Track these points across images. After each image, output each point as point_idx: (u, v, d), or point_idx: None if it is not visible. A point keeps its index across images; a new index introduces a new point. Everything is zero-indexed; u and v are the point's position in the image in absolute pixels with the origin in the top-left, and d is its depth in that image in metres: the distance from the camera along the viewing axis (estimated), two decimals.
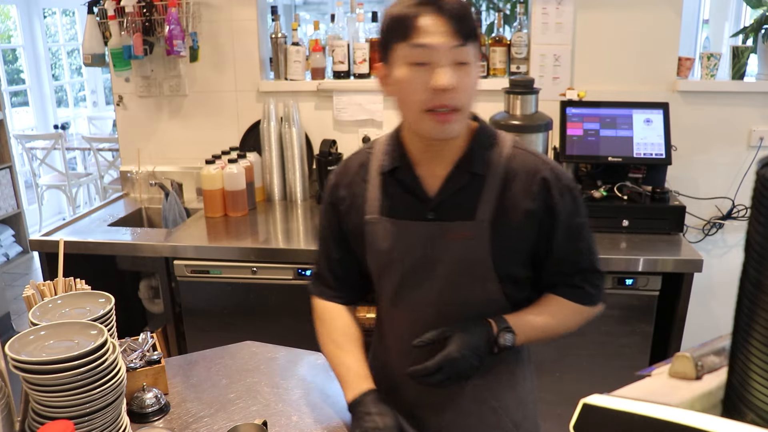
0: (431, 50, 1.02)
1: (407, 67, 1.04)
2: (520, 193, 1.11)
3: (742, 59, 2.44)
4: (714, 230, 2.58)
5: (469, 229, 1.11)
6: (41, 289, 1.20)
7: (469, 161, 1.12)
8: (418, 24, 1.02)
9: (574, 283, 1.19)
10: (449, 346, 1.08)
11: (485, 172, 1.12)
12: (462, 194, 1.12)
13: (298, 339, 1.70)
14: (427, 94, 1.04)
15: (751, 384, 0.54)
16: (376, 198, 1.17)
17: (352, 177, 1.21)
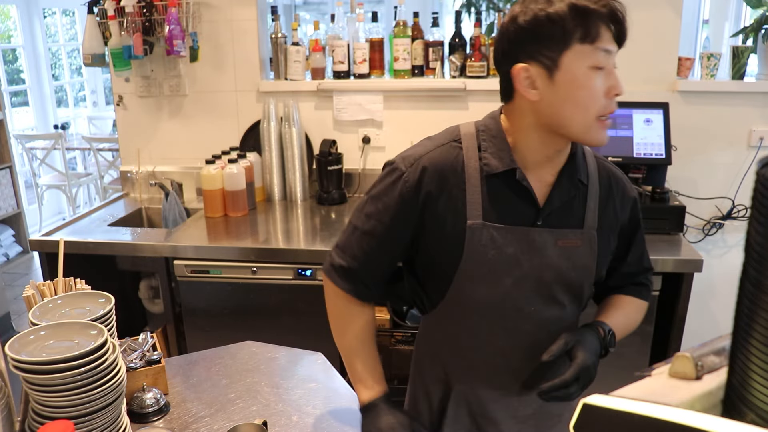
0: (610, 55, 1.01)
1: (589, 71, 0.99)
2: (617, 203, 1.16)
3: (742, 59, 2.44)
4: (714, 230, 2.58)
5: (578, 237, 1.11)
6: (41, 289, 1.20)
7: (575, 169, 1.11)
8: (607, 27, 0.99)
9: (639, 281, 1.26)
10: (580, 356, 1.06)
11: (587, 181, 1.13)
12: (569, 202, 1.12)
13: (298, 339, 1.70)
14: (604, 101, 1.01)
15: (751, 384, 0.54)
16: (478, 201, 1.08)
17: (447, 173, 1.09)
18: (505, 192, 1.08)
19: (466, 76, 2.59)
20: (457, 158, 1.09)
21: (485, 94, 2.56)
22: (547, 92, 1.01)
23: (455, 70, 2.60)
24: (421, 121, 2.66)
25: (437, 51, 2.60)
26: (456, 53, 2.60)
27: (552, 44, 0.99)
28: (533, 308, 1.12)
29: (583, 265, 1.12)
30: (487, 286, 1.10)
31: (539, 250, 1.09)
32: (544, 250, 1.09)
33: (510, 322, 1.13)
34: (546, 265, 1.10)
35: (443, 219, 1.09)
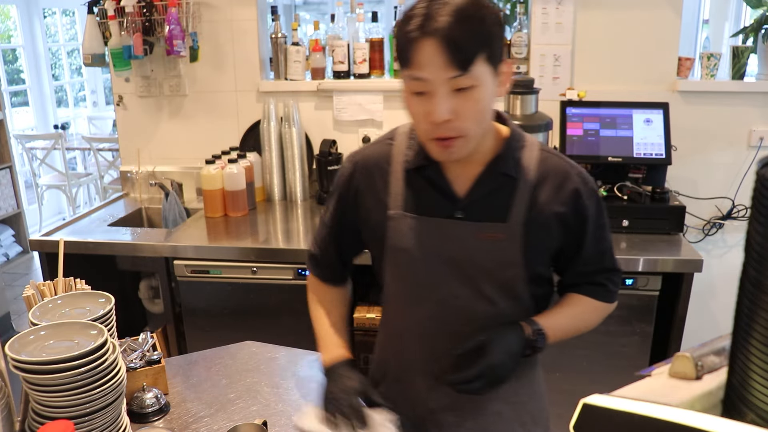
0: (426, 82, 0.99)
1: (410, 95, 1.02)
2: (551, 197, 1.12)
3: (742, 59, 2.44)
4: (714, 230, 2.58)
5: (501, 231, 1.10)
6: (41, 289, 1.20)
7: (503, 162, 1.11)
8: (416, 54, 0.98)
9: (597, 281, 1.22)
10: (489, 354, 1.07)
11: (517, 175, 1.11)
12: (493, 195, 1.11)
13: (298, 339, 1.70)
14: (428, 125, 1.01)
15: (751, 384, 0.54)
16: (400, 193, 1.14)
17: (373, 168, 1.17)
18: (424, 185, 1.13)
19: None
20: (386, 154, 1.17)
21: None
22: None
23: None
24: None
25: None
26: None
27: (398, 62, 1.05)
28: (459, 302, 1.13)
29: (508, 259, 1.11)
30: (409, 275, 1.15)
31: (458, 242, 1.11)
32: (463, 242, 1.11)
33: (436, 312, 1.15)
34: (466, 258, 1.11)
35: (369, 210, 1.17)
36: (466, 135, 1.03)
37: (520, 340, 1.10)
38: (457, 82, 0.98)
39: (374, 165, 1.17)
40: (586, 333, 1.26)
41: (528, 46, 2.53)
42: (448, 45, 0.95)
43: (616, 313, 2.08)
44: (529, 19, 2.54)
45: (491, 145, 1.12)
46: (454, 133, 1.01)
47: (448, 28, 0.95)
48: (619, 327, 2.10)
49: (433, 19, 0.95)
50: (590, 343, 2.12)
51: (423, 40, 0.96)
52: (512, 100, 2.27)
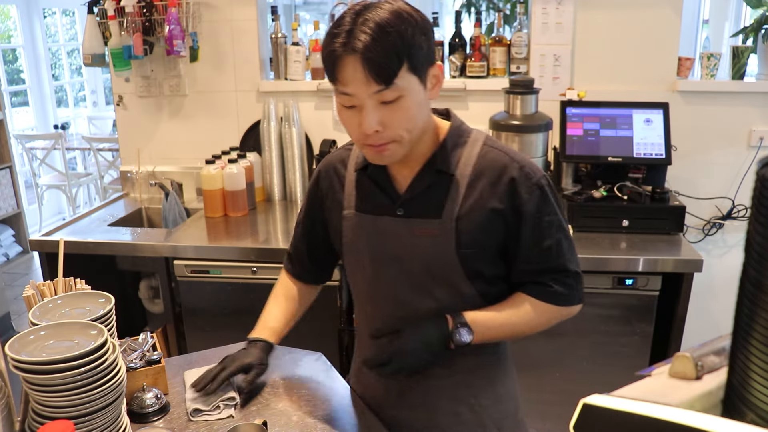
0: (353, 96, 1.03)
1: (341, 107, 1.07)
2: (486, 192, 1.11)
3: (742, 59, 2.44)
4: (714, 230, 2.58)
5: (435, 227, 1.13)
6: (41, 289, 1.20)
7: (437, 160, 1.13)
8: (339, 70, 1.02)
9: (541, 281, 1.17)
10: (399, 340, 1.13)
11: (453, 171, 1.13)
12: (430, 192, 1.14)
13: (298, 339, 1.70)
14: (360, 134, 1.06)
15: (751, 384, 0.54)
16: (352, 194, 1.21)
17: (333, 172, 1.26)
18: (371, 184, 1.19)
19: (466, 76, 2.59)
20: (344, 158, 1.25)
21: (485, 94, 2.56)
22: None
23: (455, 70, 2.60)
24: None
25: (437, 51, 2.60)
26: (456, 53, 2.60)
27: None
28: (402, 297, 1.18)
29: (442, 255, 1.13)
30: (360, 272, 1.23)
31: (399, 239, 1.15)
32: (401, 239, 1.15)
33: (387, 308, 1.20)
34: (405, 254, 1.15)
35: (331, 211, 1.26)
36: (399, 141, 1.07)
37: (438, 331, 1.13)
38: (381, 95, 1.01)
39: (334, 169, 1.26)
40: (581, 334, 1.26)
41: (528, 46, 2.53)
42: (368, 62, 0.99)
43: (616, 313, 2.09)
44: (529, 19, 2.54)
45: (430, 143, 1.14)
46: (385, 140, 1.06)
47: (367, 46, 0.98)
48: (619, 327, 2.10)
49: (354, 37, 0.99)
50: (590, 343, 2.12)
51: (345, 57, 1.00)
52: (512, 100, 2.27)
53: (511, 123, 2.25)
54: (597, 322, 2.10)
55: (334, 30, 1.02)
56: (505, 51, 2.57)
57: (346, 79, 1.01)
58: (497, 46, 2.57)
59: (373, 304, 1.24)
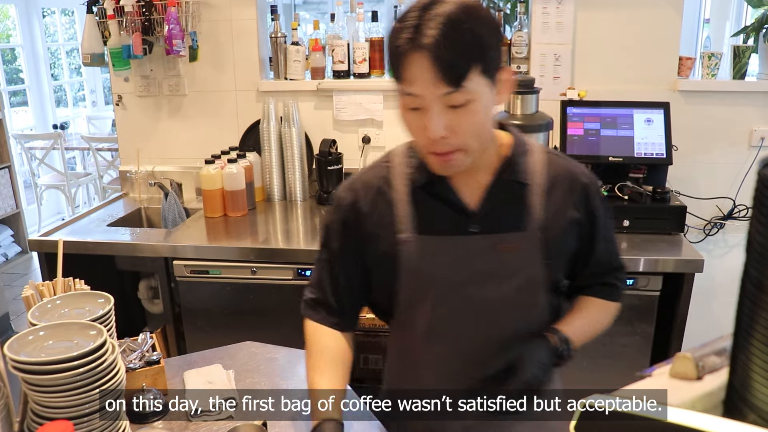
0: (420, 97, 0.94)
1: (405, 110, 0.98)
2: (563, 200, 1.09)
3: (743, 59, 2.44)
4: (715, 230, 2.58)
5: (519, 240, 1.06)
6: (40, 289, 1.20)
7: (511, 170, 1.07)
8: (405, 67, 0.93)
9: (607, 281, 1.20)
10: (522, 370, 1.01)
11: (527, 180, 1.08)
12: (507, 205, 1.07)
13: (298, 339, 1.69)
14: (425, 139, 0.98)
15: (753, 385, 0.54)
16: (407, 215, 1.08)
17: (374, 193, 1.11)
18: (433, 202, 1.07)
19: None
20: (385, 177, 1.11)
21: None
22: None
23: None
24: None
25: None
26: None
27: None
28: (480, 319, 1.07)
29: (529, 270, 1.07)
30: (429, 301, 1.08)
31: (478, 258, 1.05)
32: (481, 257, 1.05)
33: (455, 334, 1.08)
34: (488, 274, 1.06)
35: (377, 236, 1.10)
36: (466, 149, 0.99)
37: (548, 351, 1.05)
38: (450, 98, 0.93)
39: (375, 190, 1.11)
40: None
41: (528, 45, 2.53)
42: (437, 61, 0.90)
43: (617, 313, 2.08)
44: (529, 18, 2.54)
45: (495, 152, 1.08)
46: (452, 148, 0.98)
47: (437, 43, 0.90)
48: (619, 327, 2.09)
49: (422, 33, 0.90)
50: (590, 343, 2.11)
51: (412, 54, 0.92)
52: (512, 100, 2.26)
53: (512, 123, 2.24)
54: None
55: (399, 24, 0.94)
56: (506, 51, 2.57)
57: (412, 77, 0.93)
58: None
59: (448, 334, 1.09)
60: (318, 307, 1.19)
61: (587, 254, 1.15)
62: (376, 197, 1.11)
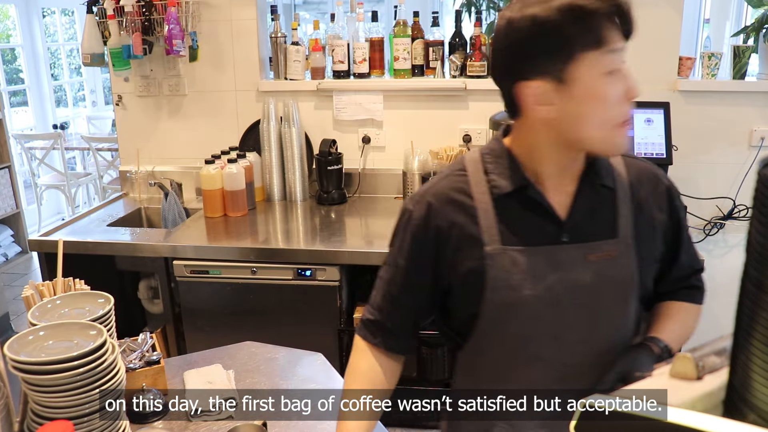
0: (620, 54, 0.92)
1: (603, 78, 0.92)
2: (649, 204, 1.05)
3: (743, 59, 2.44)
4: (715, 230, 2.58)
5: (612, 248, 1.00)
6: (40, 289, 1.20)
7: (596, 174, 1.01)
8: (612, 23, 0.91)
9: (692, 284, 1.16)
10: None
11: (614, 185, 1.03)
12: (596, 211, 1.01)
13: (298, 339, 1.70)
14: (622, 107, 0.94)
15: (753, 385, 0.54)
16: (493, 225, 1.00)
17: (452, 204, 1.02)
18: (521, 211, 1.00)
19: (466, 75, 2.59)
20: (462, 186, 1.03)
21: (485, 94, 2.56)
22: (562, 106, 0.93)
23: (455, 70, 2.60)
24: (422, 121, 2.66)
25: (437, 50, 2.59)
26: (456, 53, 2.59)
27: (555, 56, 0.90)
28: (575, 336, 1.01)
29: (621, 278, 1.01)
30: (518, 316, 1.00)
31: (570, 269, 0.99)
32: (574, 267, 0.99)
33: (552, 354, 1.01)
34: (581, 285, 0.99)
35: (459, 250, 1.02)
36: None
37: (653, 361, 0.98)
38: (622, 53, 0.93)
39: (452, 201, 1.03)
40: None
41: None
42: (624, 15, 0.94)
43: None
44: None
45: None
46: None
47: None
48: None
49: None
50: None
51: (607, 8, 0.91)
52: None
53: (512, 123, 2.24)
54: None
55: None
56: None
57: (616, 32, 0.92)
58: None
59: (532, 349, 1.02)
60: (376, 331, 1.11)
61: (672, 258, 1.11)
62: (455, 210, 1.02)
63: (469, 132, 2.62)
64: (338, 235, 2.33)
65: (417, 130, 2.65)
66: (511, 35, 0.93)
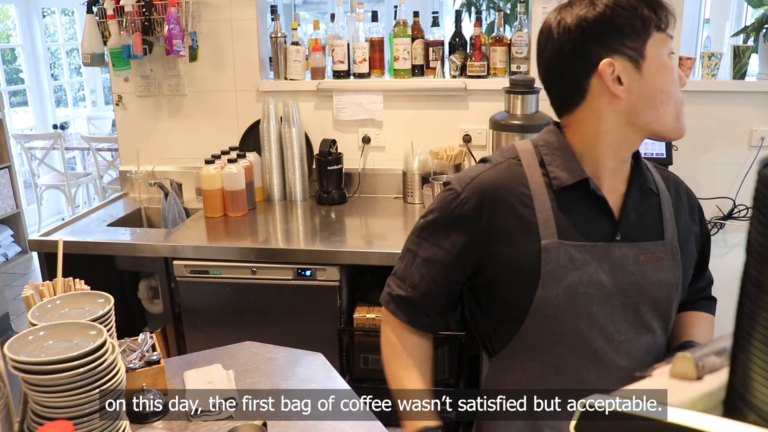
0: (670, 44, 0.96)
1: (668, 58, 0.97)
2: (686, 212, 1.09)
3: (743, 59, 2.44)
4: (715, 230, 2.58)
5: (660, 250, 1.01)
6: (40, 289, 1.20)
7: (642, 176, 1.03)
8: (665, 11, 0.98)
9: (708, 295, 1.20)
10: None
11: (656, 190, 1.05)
12: (644, 213, 1.03)
13: (298, 339, 1.70)
14: (680, 93, 0.97)
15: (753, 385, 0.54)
16: (551, 218, 0.98)
17: (508, 192, 1.00)
18: (578, 206, 0.99)
19: (466, 75, 2.59)
20: (518, 175, 1.01)
21: (485, 94, 2.56)
22: (636, 86, 0.95)
23: (455, 70, 2.60)
24: (422, 121, 2.66)
25: (437, 51, 2.59)
26: (456, 53, 2.59)
27: (634, 34, 0.95)
28: (623, 337, 1.00)
29: (668, 280, 1.02)
30: (570, 313, 0.98)
31: (622, 267, 0.99)
32: (626, 266, 0.99)
33: (601, 354, 1.00)
34: (631, 284, 0.99)
35: (512, 241, 0.99)
36: None
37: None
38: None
39: (508, 189, 1.00)
40: None
41: (528, 45, 2.53)
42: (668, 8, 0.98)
43: None
44: (529, 18, 2.53)
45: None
46: None
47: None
48: None
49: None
50: None
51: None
52: (513, 100, 2.26)
53: (512, 123, 2.24)
54: None
55: None
56: (506, 50, 2.57)
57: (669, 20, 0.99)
58: (498, 46, 2.56)
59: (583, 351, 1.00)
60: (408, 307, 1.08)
61: (700, 269, 1.15)
62: (512, 199, 0.99)
63: (469, 132, 2.62)
64: (338, 235, 2.33)
65: (417, 130, 2.65)
66: (590, 18, 0.95)
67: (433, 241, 1.05)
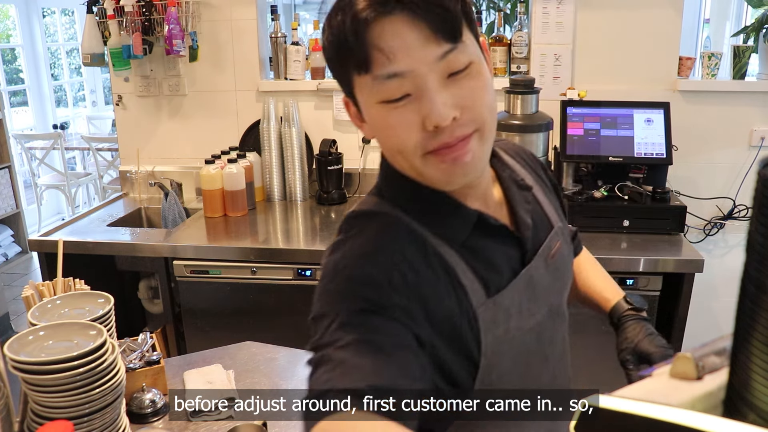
0: (408, 77, 0.69)
1: (380, 107, 0.72)
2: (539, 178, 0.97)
3: (743, 59, 2.44)
4: (715, 230, 2.58)
5: (556, 239, 0.90)
6: (40, 289, 1.20)
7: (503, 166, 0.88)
8: (379, 42, 0.68)
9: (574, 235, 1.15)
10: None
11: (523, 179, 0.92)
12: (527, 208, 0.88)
13: (298, 339, 1.70)
14: (421, 135, 0.71)
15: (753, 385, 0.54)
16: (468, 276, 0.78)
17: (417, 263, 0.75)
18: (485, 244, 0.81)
19: None
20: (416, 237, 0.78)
21: None
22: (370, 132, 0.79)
23: None
24: None
25: None
26: None
27: (339, 77, 0.76)
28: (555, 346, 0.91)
29: (568, 260, 0.96)
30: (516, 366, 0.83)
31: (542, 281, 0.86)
32: (544, 277, 0.87)
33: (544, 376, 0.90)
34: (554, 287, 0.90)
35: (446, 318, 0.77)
36: (482, 129, 0.73)
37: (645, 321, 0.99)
38: (449, 62, 0.70)
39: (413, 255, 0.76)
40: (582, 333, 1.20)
41: (528, 45, 2.53)
42: (425, 14, 0.67)
43: None
44: (529, 18, 2.54)
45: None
46: (464, 131, 0.72)
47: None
48: None
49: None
50: (590, 343, 2.12)
51: (380, 21, 0.67)
52: (512, 100, 2.27)
53: (512, 123, 2.24)
54: (597, 322, 2.10)
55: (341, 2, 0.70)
56: (506, 50, 2.57)
57: (392, 50, 0.67)
58: (498, 46, 2.56)
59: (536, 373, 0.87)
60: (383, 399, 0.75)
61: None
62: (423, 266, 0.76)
63: None
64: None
65: None
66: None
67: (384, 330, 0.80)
